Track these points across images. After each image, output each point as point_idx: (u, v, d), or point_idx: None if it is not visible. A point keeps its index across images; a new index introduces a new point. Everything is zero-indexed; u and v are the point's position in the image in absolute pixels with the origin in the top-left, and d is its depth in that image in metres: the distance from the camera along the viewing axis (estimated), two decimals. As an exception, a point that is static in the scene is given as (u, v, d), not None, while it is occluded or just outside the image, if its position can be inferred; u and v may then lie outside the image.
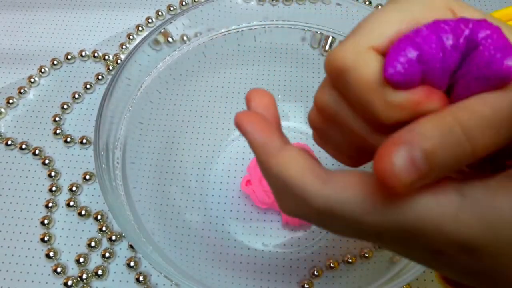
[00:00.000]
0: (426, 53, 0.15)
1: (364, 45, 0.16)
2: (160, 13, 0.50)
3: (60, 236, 0.38)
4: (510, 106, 0.14)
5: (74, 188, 0.39)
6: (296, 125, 0.43)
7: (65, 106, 0.44)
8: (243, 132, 0.18)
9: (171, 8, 0.51)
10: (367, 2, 0.51)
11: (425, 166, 0.14)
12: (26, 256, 0.37)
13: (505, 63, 0.15)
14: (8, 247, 0.37)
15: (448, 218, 0.15)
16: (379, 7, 0.50)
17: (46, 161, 0.41)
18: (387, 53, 0.15)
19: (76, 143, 0.42)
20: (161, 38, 0.38)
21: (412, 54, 0.15)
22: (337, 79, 0.17)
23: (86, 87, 0.45)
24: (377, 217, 0.15)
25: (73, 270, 0.36)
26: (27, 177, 0.40)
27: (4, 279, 0.36)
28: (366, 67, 0.15)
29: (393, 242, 0.16)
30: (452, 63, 0.16)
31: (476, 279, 0.16)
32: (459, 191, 0.15)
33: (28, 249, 0.37)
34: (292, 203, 0.17)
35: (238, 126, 0.18)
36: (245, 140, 0.18)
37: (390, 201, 0.15)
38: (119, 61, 0.47)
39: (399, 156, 0.14)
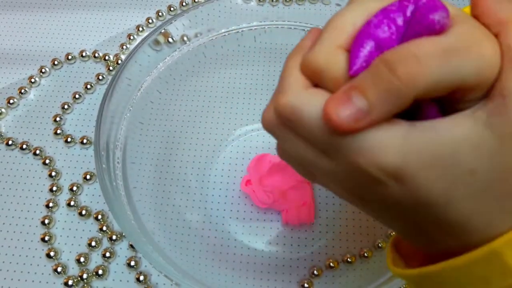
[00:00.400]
0: (382, 40, 0.17)
1: (331, 46, 0.18)
2: (160, 14, 0.50)
3: (61, 235, 0.38)
4: (431, 44, 0.15)
5: (74, 188, 0.40)
6: (296, 125, 0.43)
7: (66, 106, 0.44)
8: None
9: (171, 9, 0.51)
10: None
11: (364, 104, 0.16)
12: (26, 256, 0.37)
13: (430, 16, 0.16)
14: (9, 247, 0.37)
15: (394, 141, 0.16)
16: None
17: (47, 161, 0.41)
18: (350, 52, 0.17)
19: (76, 143, 0.42)
20: (161, 39, 0.38)
21: (370, 45, 0.17)
22: (315, 81, 0.18)
23: (86, 87, 0.45)
24: (330, 139, 0.17)
25: (73, 269, 0.36)
26: (27, 177, 0.41)
27: (5, 279, 0.36)
28: (336, 66, 0.17)
29: (337, 169, 0.18)
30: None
31: (399, 215, 0.18)
32: (411, 124, 0.16)
33: (29, 249, 0.37)
34: (276, 99, 0.19)
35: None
36: (245, 141, 0.18)
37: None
38: (119, 62, 0.47)
39: (340, 103, 0.16)
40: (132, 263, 0.36)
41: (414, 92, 0.15)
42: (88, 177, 0.40)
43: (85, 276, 0.36)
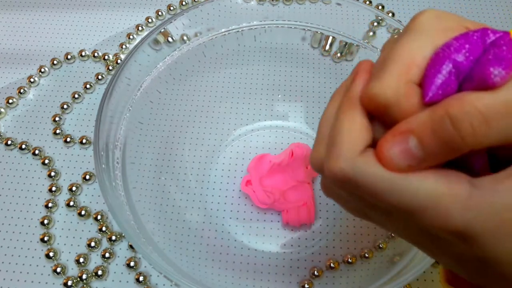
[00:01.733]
0: (461, 65, 0.16)
1: (401, 79, 0.17)
2: (160, 13, 0.50)
3: (60, 236, 0.38)
4: (499, 103, 0.15)
5: (74, 188, 0.39)
6: (296, 125, 0.43)
7: (65, 106, 0.44)
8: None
9: (171, 8, 0.51)
10: (367, 2, 0.51)
11: (420, 153, 0.16)
12: (26, 256, 0.37)
13: (490, 68, 0.15)
14: (8, 247, 0.37)
15: (457, 202, 0.16)
16: (380, 7, 0.50)
17: (46, 161, 0.41)
18: (424, 77, 0.16)
19: (76, 143, 0.42)
20: (161, 38, 0.38)
21: (448, 71, 0.16)
22: (378, 114, 0.18)
23: (86, 87, 0.45)
24: (389, 192, 0.17)
25: (73, 270, 0.36)
26: (27, 177, 0.40)
27: (4, 279, 0.36)
28: (408, 100, 0.17)
29: (400, 219, 0.17)
30: None
31: (467, 268, 0.17)
32: (470, 181, 0.16)
33: (28, 249, 0.37)
34: (325, 155, 0.19)
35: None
36: (245, 141, 0.18)
37: (404, 177, 0.16)
38: (119, 61, 0.47)
39: (394, 146, 0.16)
40: (132, 263, 0.36)
41: (473, 148, 0.15)
42: (87, 177, 0.40)
43: (84, 276, 0.36)
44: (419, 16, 0.18)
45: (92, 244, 0.37)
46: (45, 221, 0.38)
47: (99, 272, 0.36)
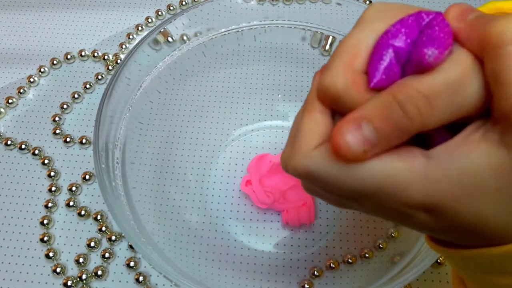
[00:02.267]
0: (400, 49, 0.17)
1: (348, 70, 0.18)
2: (160, 13, 0.50)
3: (60, 236, 0.38)
4: (438, 84, 0.16)
5: (73, 188, 0.39)
6: (296, 125, 0.43)
7: (65, 106, 0.44)
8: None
9: (171, 8, 0.51)
10: (367, 2, 0.51)
11: (374, 136, 0.16)
12: (25, 256, 0.37)
13: (424, 49, 0.16)
14: (8, 247, 0.37)
15: (416, 177, 0.16)
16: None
17: (46, 161, 0.41)
18: (368, 65, 0.17)
19: (75, 143, 0.42)
20: (161, 38, 0.38)
21: (389, 56, 0.17)
22: (334, 106, 0.19)
23: (85, 87, 0.45)
24: (349, 178, 0.17)
25: (72, 270, 0.36)
26: (26, 177, 0.40)
27: (4, 279, 0.36)
28: (356, 89, 0.17)
29: (366, 201, 0.18)
30: None
31: (444, 234, 0.18)
32: (424, 154, 0.17)
33: (28, 249, 0.37)
34: (289, 153, 0.20)
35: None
36: (245, 141, 0.19)
37: (361, 161, 0.17)
38: (118, 61, 0.47)
39: (349, 130, 0.16)
40: (132, 263, 0.36)
41: (423, 129, 0.16)
42: (87, 177, 0.40)
43: (84, 276, 0.36)
44: (367, 9, 0.19)
45: (92, 244, 0.37)
46: (45, 221, 0.38)
47: (99, 272, 0.36)
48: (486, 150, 0.16)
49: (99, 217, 0.38)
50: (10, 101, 0.44)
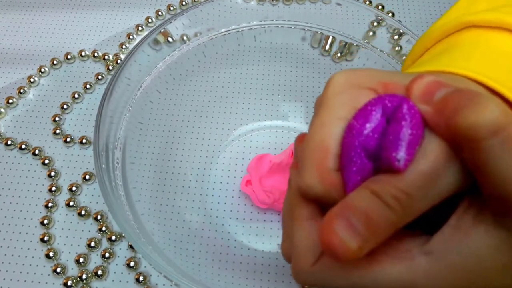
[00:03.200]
0: (368, 143, 0.17)
1: (322, 173, 0.18)
2: (160, 13, 0.50)
3: (60, 236, 0.38)
4: (415, 178, 0.16)
5: (74, 188, 0.39)
6: (296, 125, 0.43)
7: (65, 106, 0.44)
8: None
9: (171, 8, 0.51)
10: (367, 2, 0.51)
11: (364, 229, 0.16)
12: (26, 256, 0.37)
13: (393, 153, 0.16)
14: (8, 247, 0.37)
15: (420, 277, 0.16)
16: (380, 7, 0.50)
17: (46, 161, 0.41)
18: (341, 168, 0.17)
19: (76, 143, 0.42)
20: (161, 38, 0.38)
21: (359, 156, 0.17)
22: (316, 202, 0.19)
23: (86, 87, 0.45)
24: (357, 286, 0.17)
25: (73, 270, 0.36)
26: (26, 177, 0.40)
27: (4, 279, 0.36)
28: (334, 191, 0.18)
29: None
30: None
31: None
32: (422, 251, 0.17)
33: (28, 249, 0.37)
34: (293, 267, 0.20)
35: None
36: (245, 141, 0.19)
37: (364, 269, 0.17)
38: (119, 61, 0.47)
39: (339, 225, 0.16)
40: (132, 263, 0.36)
41: (407, 220, 0.16)
42: (87, 177, 0.40)
43: (84, 276, 0.36)
44: (327, 88, 0.19)
45: (92, 244, 0.37)
46: (45, 221, 0.38)
47: (99, 272, 0.36)
48: (483, 233, 0.16)
49: (99, 217, 0.38)
50: (10, 101, 0.44)
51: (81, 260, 0.36)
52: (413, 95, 0.17)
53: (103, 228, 0.38)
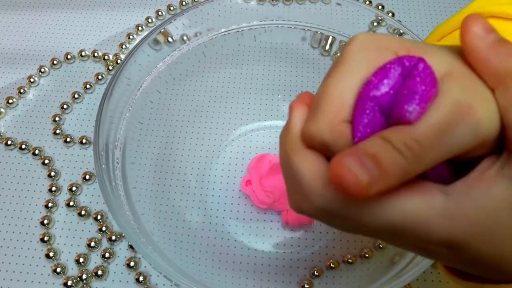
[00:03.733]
0: (382, 100, 0.17)
1: (334, 119, 0.18)
2: (160, 13, 0.50)
3: (60, 236, 0.38)
4: (427, 129, 0.16)
5: (74, 188, 0.39)
6: (296, 125, 0.43)
7: (65, 106, 0.44)
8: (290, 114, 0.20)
9: (171, 8, 0.51)
10: (367, 2, 0.51)
11: (375, 168, 0.16)
12: (26, 256, 0.37)
13: (404, 106, 0.16)
14: (8, 247, 0.37)
15: (436, 215, 0.16)
16: (380, 7, 0.50)
17: (46, 161, 0.41)
18: (353, 119, 0.17)
19: (76, 143, 0.42)
20: (161, 38, 0.38)
21: (372, 109, 0.17)
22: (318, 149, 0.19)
23: (86, 87, 0.45)
24: (369, 217, 0.17)
25: (73, 270, 0.36)
26: (26, 177, 0.40)
27: (4, 279, 0.36)
28: (343, 139, 0.17)
29: (387, 238, 0.18)
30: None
31: (462, 265, 0.18)
32: (442, 191, 0.17)
33: (28, 249, 0.37)
34: (300, 197, 0.19)
35: (290, 106, 0.20)
36: (245, 141, 0.19)
37: (380, 201, 0.17)
38: (119, 61, 0.47)
39: (351, 161, 0.16)
40: (132, 263, 0.36)
41: (421, 169, 0.16)
42: (87, 177, 0.40)
43: (84, 276, 0.36)
44: (350, 45, 0.19)
45: (92, 244, 0.37)
46: (45, 221, 0.38)
47: (99, 272, 0.36)
48: (503, 187, 0.16)
49: (99, 217, 0.38)
50: (10, 101, 0.44)
51: (81, 260, 0.36)
52: (470, 26, 0.17)
53: (103, 228, 0.38)
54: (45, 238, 0.37)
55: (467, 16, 0.18)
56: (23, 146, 0.41)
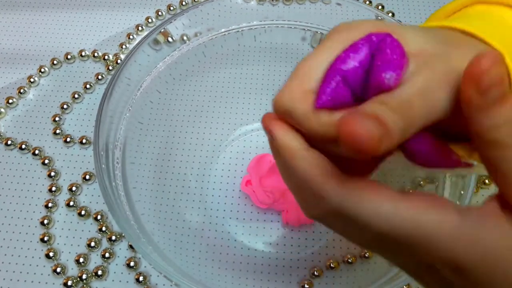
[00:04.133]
0: (348, 73, 0.18)
1: (298, 89, 0.19)
2: (160, 13, 0.50)
3: (60, 236, 0.38)
4: (409, 91, 0.17)
5: (74, 188, 0.39)
6: (296, 125, 0.43)
7: (65, 106, 0.44)
8: (269, 132, 0.20)
9: (171, 8, 0.51)
10: (367, 2, 0.51)
11: (380, 126, 0.16)
12: (26, 256, 0.37)
13: (382, 74, 0.17)
14: (8, 247, 0.37)
15: (446, 234, 0.16)
16: (380, 7, 0.50)
17: (46, 161, 0.41)
18: (319, 88, 0.19)
19: (76, 143, 0.42)
20: (161, 38, 0.38)
21: (336, 80, 0.18)
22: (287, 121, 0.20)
23: (86, 87, 0.45)
24: (382, 217, 0.17)
25: (73, 270, 0.36)
26: (27, 177, 0.40)
27: (4, 279, 0.36)
28: (302, 105, 0.19)
29: (393, 250, 0.18)
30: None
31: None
32: (458, 210, 0.17)
33: (28, 249, 0.37)
34: (312, 202, 0.19)
35: (265, 126, 0.20)
36: (245, 141, 0.19)
37: (396, 208, 0.17)
38: (119, 61, 0.47)
39: (359, 118, 0.16)
40: (132, 263, 0.36)
41: (413, 131, 0.17)
42: (87, 177, 0.40)
43: (84, 276, 0.36)
44: (331, 31, 0.20)
45: (92, 244, 0.37)
46: (45, 221, 0.38)
47: (99, 272, 0.36)
48: (499, 226, 0.16)
49: (99, 217, 0.38)
50: (10, 101, 0.44)
51: (81, 260, 0.36)
52: (471, 72, 0.17)
53: (103, 228, 0.38)
54: (45, 238, 0.37)
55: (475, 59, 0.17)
56: (23, 146, 0.41)
